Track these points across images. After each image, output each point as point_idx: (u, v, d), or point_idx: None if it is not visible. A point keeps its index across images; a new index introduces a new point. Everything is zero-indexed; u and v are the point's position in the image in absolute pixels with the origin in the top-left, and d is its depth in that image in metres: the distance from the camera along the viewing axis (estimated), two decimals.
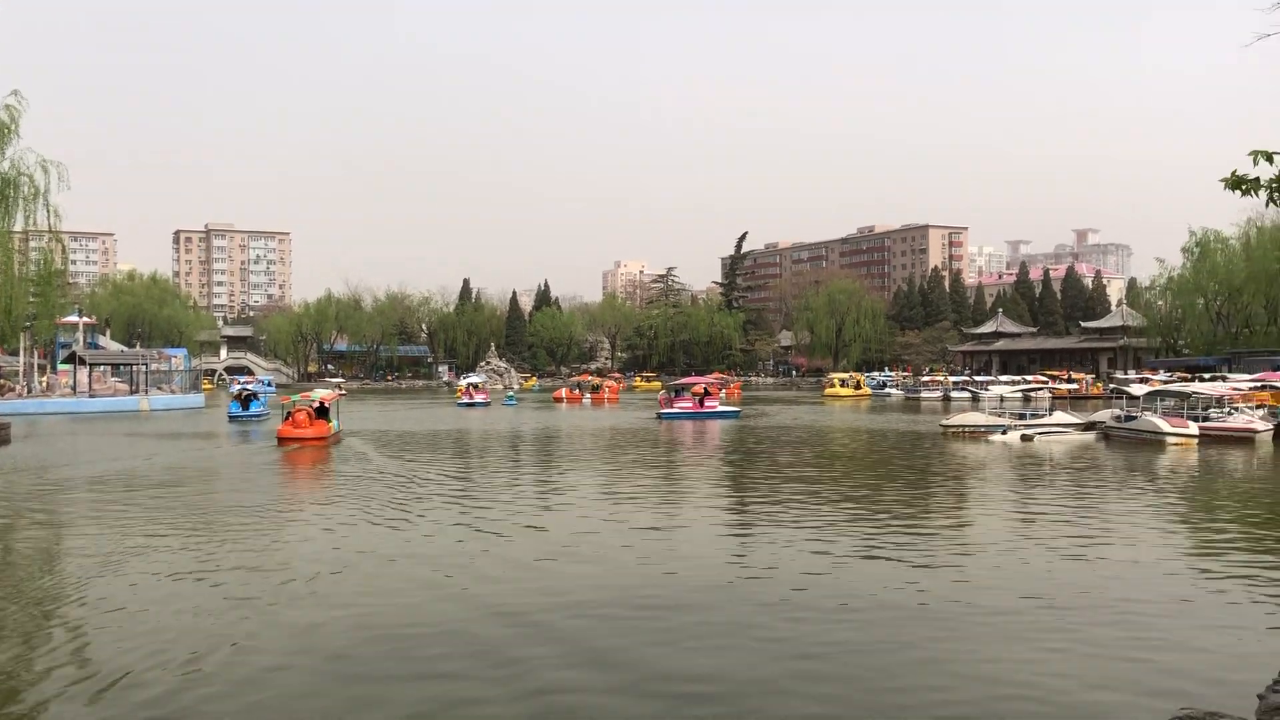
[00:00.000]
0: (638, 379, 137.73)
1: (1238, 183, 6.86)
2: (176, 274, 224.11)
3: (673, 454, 37.53)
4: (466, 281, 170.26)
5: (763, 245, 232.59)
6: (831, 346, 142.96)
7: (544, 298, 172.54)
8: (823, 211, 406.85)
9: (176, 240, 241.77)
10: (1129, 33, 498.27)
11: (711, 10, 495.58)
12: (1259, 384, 51.74)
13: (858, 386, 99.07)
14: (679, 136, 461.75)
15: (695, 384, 63.99)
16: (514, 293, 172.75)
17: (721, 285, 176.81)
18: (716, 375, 68.75)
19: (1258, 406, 46.70)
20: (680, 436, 45.39)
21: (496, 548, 17.72)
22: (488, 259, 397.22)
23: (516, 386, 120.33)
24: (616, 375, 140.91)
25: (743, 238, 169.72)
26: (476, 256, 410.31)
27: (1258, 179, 6.74)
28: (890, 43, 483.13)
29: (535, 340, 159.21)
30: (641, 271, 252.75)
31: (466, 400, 79.72)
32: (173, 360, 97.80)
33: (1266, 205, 6.53)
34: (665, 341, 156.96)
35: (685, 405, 60.15)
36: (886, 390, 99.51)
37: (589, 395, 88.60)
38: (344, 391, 74.30)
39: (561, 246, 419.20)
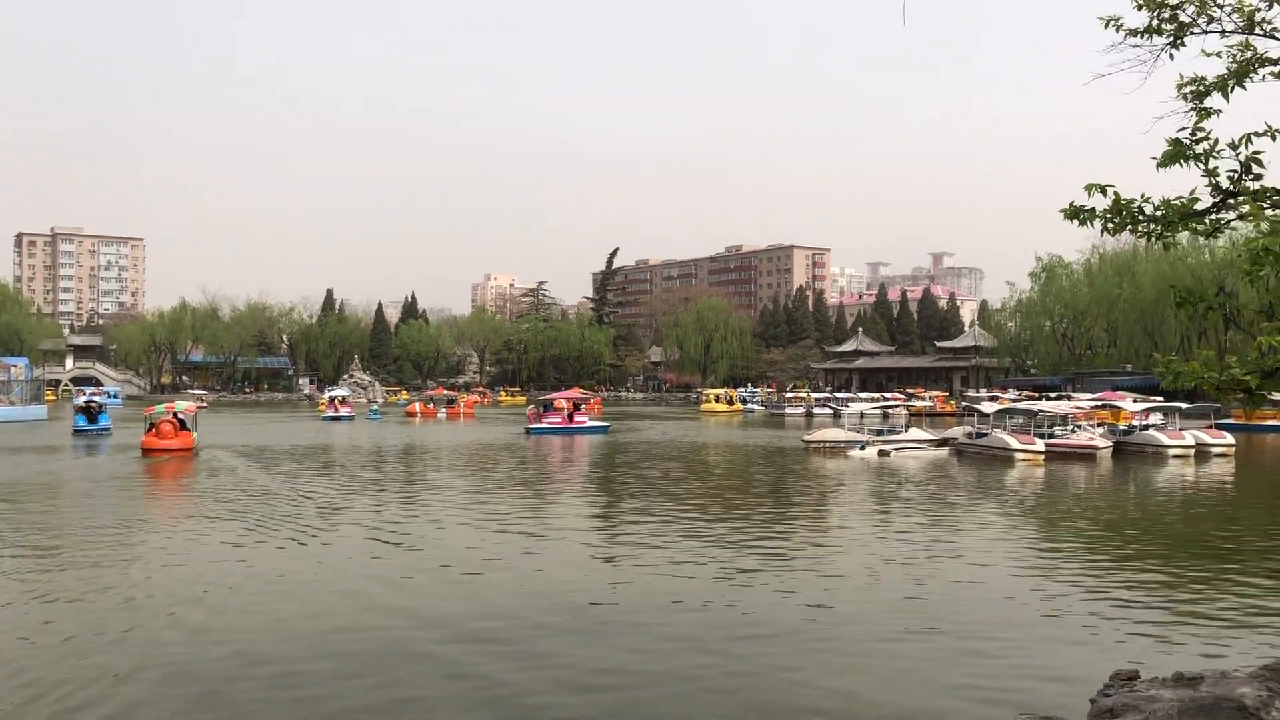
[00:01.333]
0: (503, 393, 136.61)
1: (1075, 213, 7.25)
2: (18, 279, 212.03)
3: (541, 470, 37.41)
4: (330, 292, 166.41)
5: (634, 262, 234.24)
6: (700, 363, 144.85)
7: (411, 310, 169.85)
8: (693, 230, 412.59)
9: (19, 243, 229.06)
10: (985, 71, 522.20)
11: (585, 29, 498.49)
12: (1100, 403, 54.54)
13: (731, 402, 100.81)
14: (552, 151, 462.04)
15: (555, 399, 64.00)
16: (380, 304, 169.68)
17: (593, 300, 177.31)
18: (577, 390, 69.20)
19: (1099, 424, 49.23)
20: (549, 452, 45.26)
21: (380, 567, 17.37)
22: (353, 269, 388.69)
23: (381, 400, 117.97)
24: (481, 389, 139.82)
25: (614, 254, 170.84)
26: (341, 266, 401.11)
27: (1093, 209, 7.13)
28: (758, 71, 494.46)
29: (401, 353, 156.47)
30: (512, 285, 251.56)
31: (331, 414, 78.46)
32: (12, 370, 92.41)
33: (1101, 234, 6.95)
34: (535, 356, 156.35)
35: (554, 420, 60.00)
36: (749, 406, 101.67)
37: (443, 409, 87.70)
38: (206, 404, 71.60)
39: (430, 258, 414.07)
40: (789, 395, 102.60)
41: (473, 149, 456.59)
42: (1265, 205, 6.43)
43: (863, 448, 42.61)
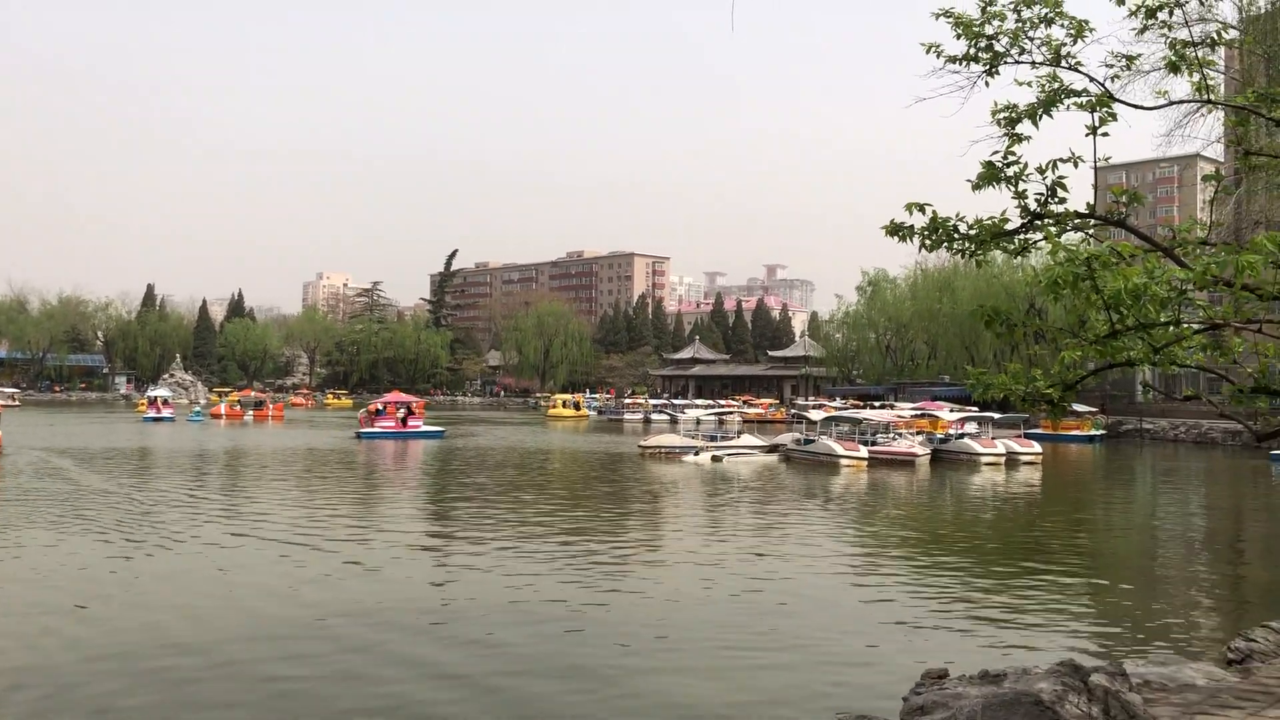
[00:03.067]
0: (329, 396, 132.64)
1: (896, 230, 7.53)
2: None
3: (372, 476, 36.56)
4: (151, 287, 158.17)
5: (473, 264, 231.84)
6: (539, 367, 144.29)
7: (238, 308, 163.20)
8: (534, 234, 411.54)
9: None
10: (819, 90, 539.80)
11: (433, 35, 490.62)
12: (919, 412, 56.93)
13: (577, 407, 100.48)
14: (390, 149, 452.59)
15: (375, 404, 62.60)
16: (204, 301, 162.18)
17: (430, 302, 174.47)
18: (397, 393, 68.09)
19: (918, 433, 51.38)
20: (380, 458, 44.24)
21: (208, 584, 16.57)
22: (177, 265, 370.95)
23: (204, 401, 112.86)
24: (304, 391, 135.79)
25: (453, 255, 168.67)
26: (164, 262, 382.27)
27: (912, 227, 7.42)
28: (600, 85, 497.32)
29: (227, 353, 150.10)
30: (346, 285, 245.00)
31: (152, 415, 75.46)
32: None
33: (919, 250, 7.23)
34: (368, 358, 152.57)
35: (387, 425, 58.65)
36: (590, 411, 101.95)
37: (251, 412, 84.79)
38: (17, 402, 66.79)
39: (259, 255, 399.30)
40: (627, 401, 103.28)
41: (307, 143, 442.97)
42: (1068, 226, 6.83)
43: (696, 453, 43.27)
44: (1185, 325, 5.81)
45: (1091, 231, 7.12)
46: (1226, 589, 17.99)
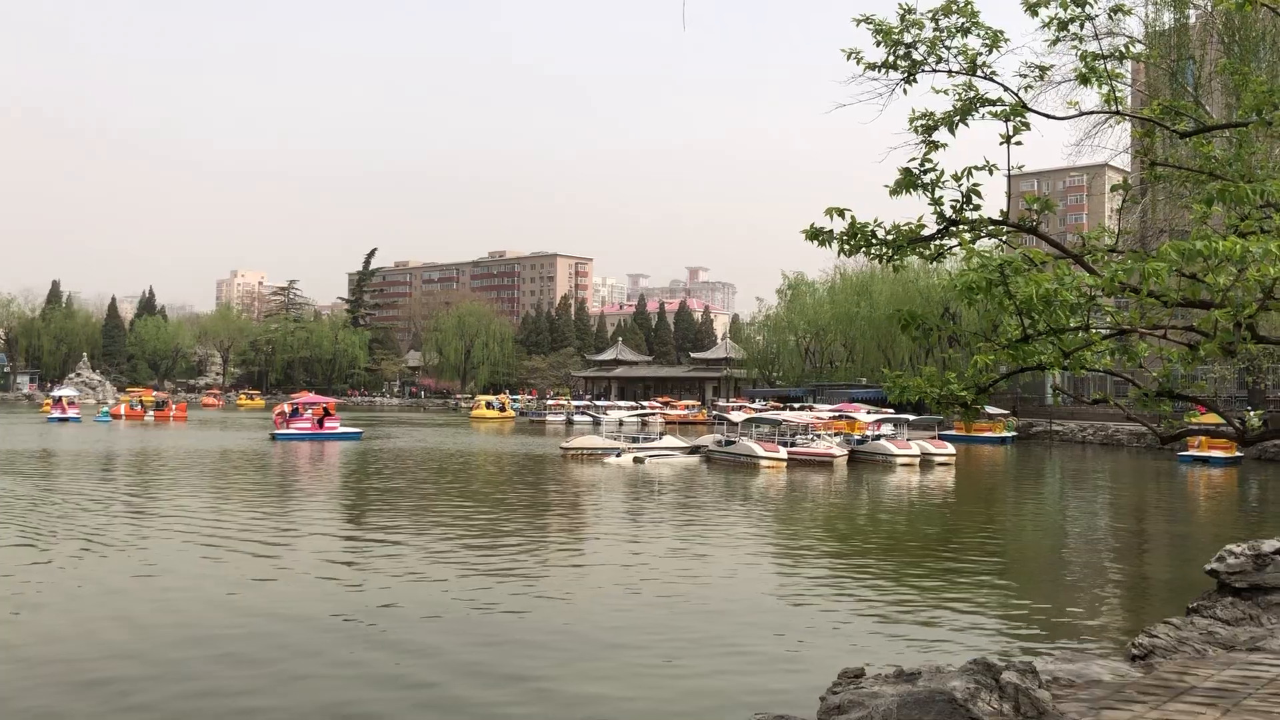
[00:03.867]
0: (242, 396, 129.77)
1: (815, 234, 7.59)
2: None
3: (288, 478, 35.88)
4: (56, 284, 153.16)
5: (393, 263, 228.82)
6: (460, 368, 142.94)
7: (148, 305, 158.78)
8: (456, 234, 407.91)
9: None
10: (743, 95, 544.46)
11: (353, 30, 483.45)
12: (837, 414, 57.75)
13: (503, 409, 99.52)
14: (307, 145, 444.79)
15: (281, 406, 61.53)
16: (114, 299, 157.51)
17: (348, 302, 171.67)
18: (305, 394, 67.02)
19: (836, 434, 52.10)
20: (296, 460, 43.44)
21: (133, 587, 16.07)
22: (84, 262, 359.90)
23: (112, 401, 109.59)
24: (215, 391, 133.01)
25: (372, 254, 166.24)
26: (71, 258, 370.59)
27: (831, 231, 7.49)
28: (522, 83, 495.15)
29: (137, 352, 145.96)
30: (261, 283, 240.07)
31: (57, 415, 73.30)
32: None
33: (838, 255, 7.30)
34: (284, 358, 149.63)
35: (302, 426, 57.60)
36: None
37: (152, 412, 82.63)
38: None
39: (172, 252, 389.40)
40: (550, 402, 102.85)
41: (220, 139, 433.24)
42: (982, 233, 6.96)
43: (618, 455, 43.28)
44: (1094, 330, 5.96)
45: (1005, 238, 7.28)
46: (1132, 587, 18.56)
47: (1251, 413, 48.41)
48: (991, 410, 63.04)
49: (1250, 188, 5.58)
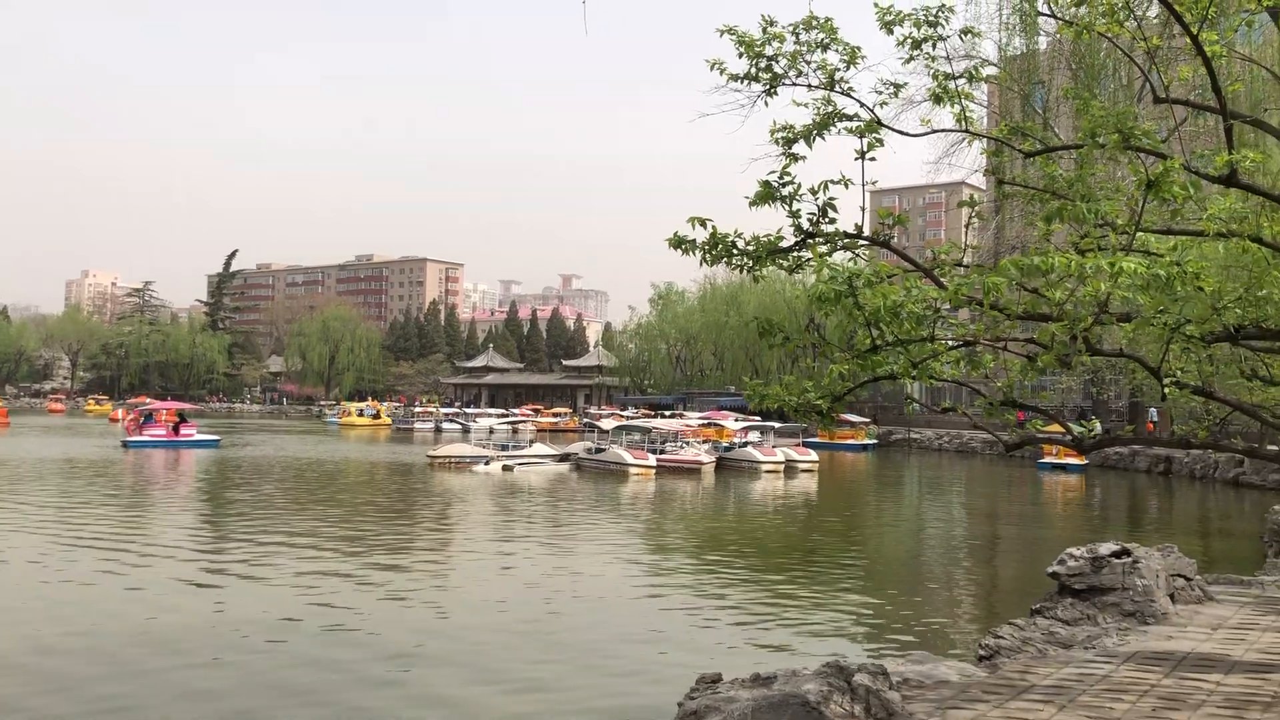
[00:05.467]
0: (90, 402, 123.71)
1: (678, 243, 7.64)
2: None
3: (141, 487, 34.37)
4: None
5: (255, 266, 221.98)
6: (324, 374, 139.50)
7: None
8: (322, 237, 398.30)
9: None
10: (614, 101, 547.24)
11: (216, 20, 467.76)
12: (706, 421, 58.51)
13: (377, 416, 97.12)
14: (163, 141, 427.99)
15: (117, 411, 58.85)
16: None
17: (207, 304, 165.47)
18: (143, 398, 64.25)
19: (704, 441, 52.75)
20: (149, 468, 41.63)
21: None
22: None
23: None
24: (59, 396, 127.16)
25: (232, 255, 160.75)
26: None
27: (694, 240, 7.55)
28: (393, 85, 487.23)
29: None
30: (114, 284, 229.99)
31: None
32: None
33: (700, 264, 7.37)
34: (138, 361, 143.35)
35: (156, 433, 55.24)
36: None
37: None
38: None
39: (16, 250, 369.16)
40: (418, 410, 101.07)
41: (72, 134, 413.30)
42: (838, 245, 7.11)
43: (487, 463, 42.85)
44: (939, 341, 6.15)
45: (862, 251, 7.45)
46: (983, 590, 19.28)
47: (1084, 422, 50.98)
48: (853, 418, 64.79)
49: (1086, 207, 5.84)
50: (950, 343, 6.25)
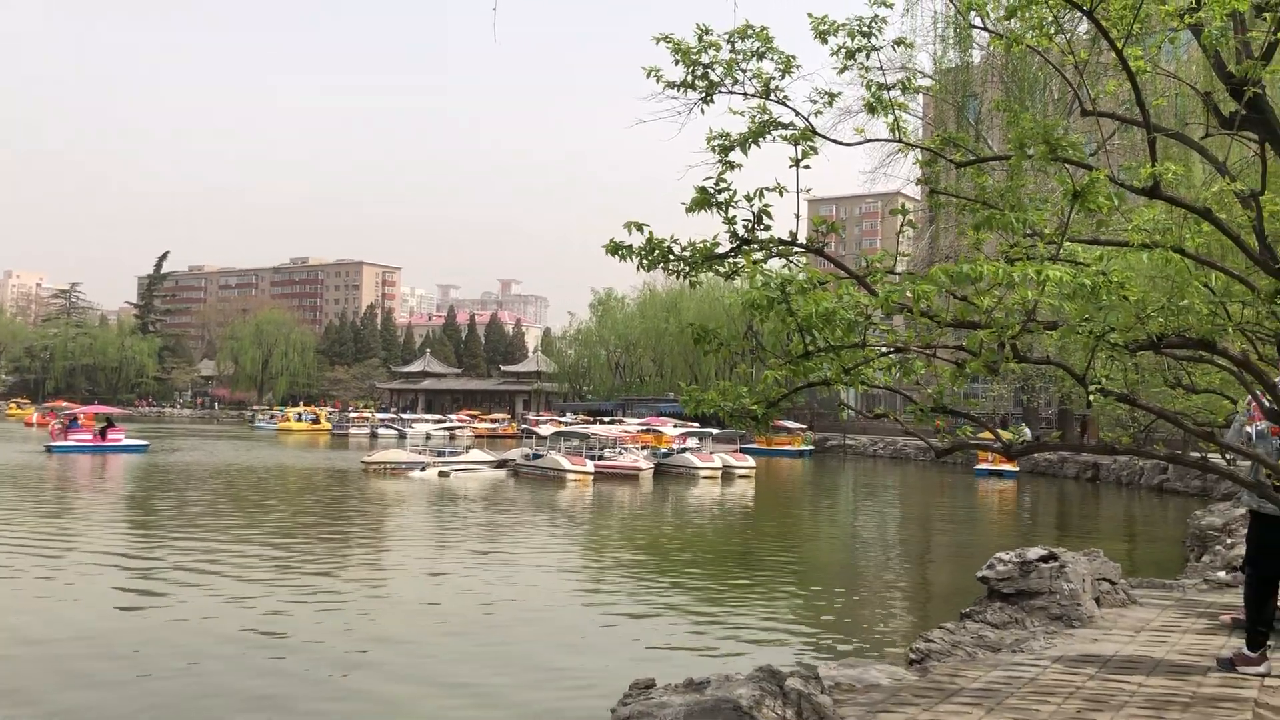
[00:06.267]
0: (12, 406, 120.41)
1: (615, 249, 7.63)
2: None
3: (67, 494, 33.49)
4: None
5: (187, 268, 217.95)
6: (257, 379, 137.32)
7: None
8: (255, 239, 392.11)
9: None
10: (550, 110, 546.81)
11: (145, 25, 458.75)
12: (645, 427, 58.57)
13: (316, 421, 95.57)
14: (93, 140, 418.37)
15: (32, 415, 57.57)
16: None
17: (137, 307, 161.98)
18: (60, 401, 62.74)
19: (643, 447, 52.81)
20: (74, 474, 40.59)
21: None
22: None
23: None
24: None
25: (164, 257, 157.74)
26: None
27: (631, 246, 7.55)
28: (322, 87, 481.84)
29: None
30: (39, 285, 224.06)
31: None
32: None
33: (637, 270, 7.35)
34: (64, 364, 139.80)
35: (82, 438, 53.89)
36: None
37: None
38: None
39: None
40: (353, 415, 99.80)
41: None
42: (773, 252, 7.15)
43: (423, 469, 42.44)
44: (872, 348, 6.21)
45: (797, 258, 7.50)
46: (914, 593, 19.51)
47: (1010, 428, 51.93)
48: (790, 424, 65.31)
49: (1015, 216, 5.94)
50: (882, 349, 6.31)
